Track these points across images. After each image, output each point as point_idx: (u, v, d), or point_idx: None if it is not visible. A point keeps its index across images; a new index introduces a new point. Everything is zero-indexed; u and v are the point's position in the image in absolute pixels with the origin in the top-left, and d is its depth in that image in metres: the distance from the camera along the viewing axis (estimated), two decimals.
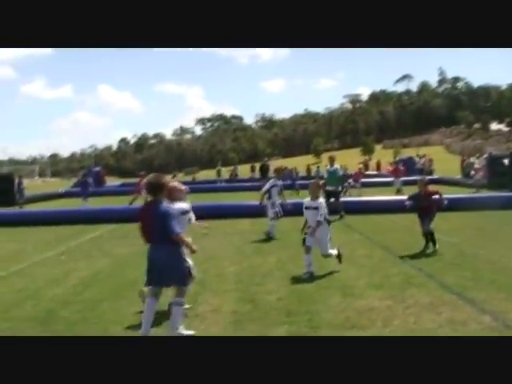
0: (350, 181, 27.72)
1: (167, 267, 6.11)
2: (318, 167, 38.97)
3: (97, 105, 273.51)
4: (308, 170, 39.13)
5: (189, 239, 6.18)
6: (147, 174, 14.07)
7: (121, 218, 18.90)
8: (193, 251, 6.25)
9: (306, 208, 9.35)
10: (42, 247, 13.86)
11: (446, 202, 11.21)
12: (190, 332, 6.27)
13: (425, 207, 10.96)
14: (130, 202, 22.95)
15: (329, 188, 17.15)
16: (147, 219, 6.19)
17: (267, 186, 14.08)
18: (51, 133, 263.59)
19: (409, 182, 32.00)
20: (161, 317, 6.74)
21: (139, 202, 19.03)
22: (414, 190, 12.06)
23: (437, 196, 11.21)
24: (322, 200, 9.32)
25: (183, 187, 7.40)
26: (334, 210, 15.58)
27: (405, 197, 12.48)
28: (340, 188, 18.36)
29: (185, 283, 6.32)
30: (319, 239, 9.14)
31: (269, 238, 13.33)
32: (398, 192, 25.67)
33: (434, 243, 10.82)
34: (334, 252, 9.41)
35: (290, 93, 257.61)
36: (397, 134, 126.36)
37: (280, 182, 14.21)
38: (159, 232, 6.06)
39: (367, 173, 37.95)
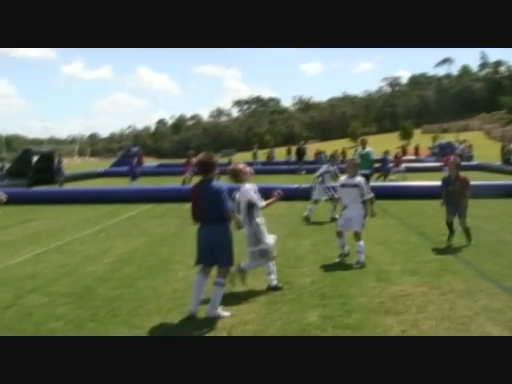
0: (391, 165, 27.37)
1: (217, 247, 6.19)
2: (356, 150, 38.52)
3: (136, 86, 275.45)
4: (343, 153, 38.69)
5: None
6: (195, 154, 14.24)
7: (157, 198, 19.16)
8: (240, 227, 6.43)
9: (343, 186, 9.11)
10: (81, 225, 14.14)
11: (471, 191, 10.20)
12: (227, 313, 6.33)
13: (454, 193, 10.07)
14: (183, 183, 23.31)
15: (361, 171, 16.95)
16: (199, 198, 6.23)
17: (321, 170, 14.06)
18: (91, 113, 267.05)
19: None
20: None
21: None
22: None
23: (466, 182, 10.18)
24: (360, 178, 9.07)
25: (248, 169, 7.41)
26: None
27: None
28: (371, 172, 18.09)
29: (229, 264, 6.38)
30: (351, 218, 8.85)
31: (308, 221, 13.28)
32: None
33: (470, 237, 10.08)
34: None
35: (328, 76, 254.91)
36: (436, 118, 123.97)
37: (334, 168, 14.09)
38: (211, 211, 6.10)
39: (405, 158, 37.34)
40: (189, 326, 6.03)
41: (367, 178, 17.36)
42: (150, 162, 55.36)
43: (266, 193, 7.66)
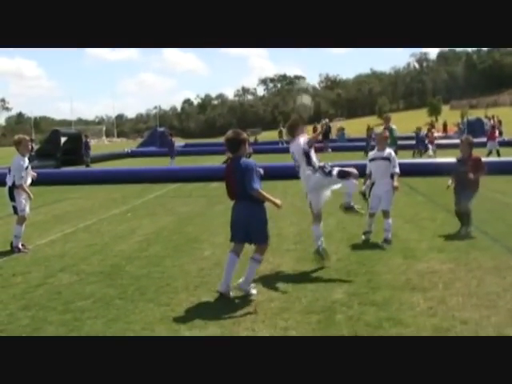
0: (426, 142, 26.96)
1: (251, 224, 6.17)
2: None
3: (161, 66, 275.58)
4: (368, 130, 38.11)
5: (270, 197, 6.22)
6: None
7: (184, 177, 19.27)
8: (277, 206, 6.23)
9: (372, 160, 8.92)
10: (109, 205, 14.31)
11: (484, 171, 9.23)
12: (255, 291, 6.34)
13: (465, 176, 8.97)
14: (225, 162, 23.64)
15: None
16: (231, 176, 6.23)
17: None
18: (117, 94, 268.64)
19: (478, 144, 31.09)
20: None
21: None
22: (482, 152, 11.64)
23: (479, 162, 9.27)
24: (390, 150, 8.91)
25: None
26: None
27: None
28: (395, 149, 17.75)
29: (264, 241, 6.30)
30: (382, 194, 8.70)
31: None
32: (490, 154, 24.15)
33: (469, 224, 8.98)
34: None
35: (355, 53, 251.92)
36: (465, 94, 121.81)
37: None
38: (240, 188, 6.09)
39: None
40: (215, 303, 6.08)
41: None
42: (176, 142, 55.56)
43: (290, 172, 7.71)
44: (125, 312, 5.90)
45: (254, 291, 6.31)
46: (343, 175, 7.17)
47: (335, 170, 7.19)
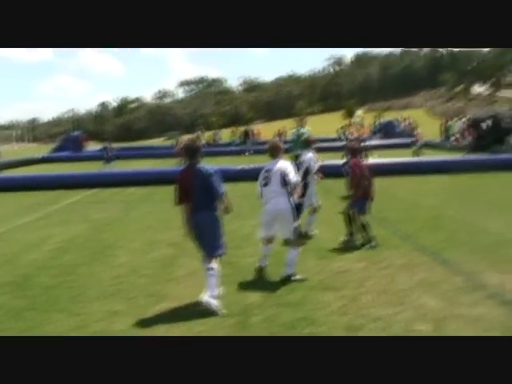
0: (415, 139, 26.65)
1: (208, 232, 6.06)
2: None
3: (78, 68, 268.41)
4: (279, 135, 38.27)
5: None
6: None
7: (100, 183, 18.83)
8: (228, 211, 6.21)
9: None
10: (21, 212, 13.77)
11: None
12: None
13: (353, 182, 8.66)
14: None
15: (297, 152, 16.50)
16: (189, 183, 6.09)
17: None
18: (31, 97, 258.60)
19: (391, 145, 32.12)
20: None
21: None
22: (395, 153, 12.07)
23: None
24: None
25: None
26: None
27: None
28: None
29: (217, 253, 6.13)
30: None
31: None
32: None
33: (366, 235, 8.55)
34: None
35: (275, 55, 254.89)
36: (380, 96, 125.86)
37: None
38: (203, 195, 6.00)
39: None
40: (129, 311, 5.99)
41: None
42: (92, 146, 54.26)
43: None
44: (37, 323, 5.72)
45: (215, 302, 5.98)
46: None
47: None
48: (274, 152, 7.13)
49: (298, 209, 8.23)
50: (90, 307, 6.16)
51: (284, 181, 6.78)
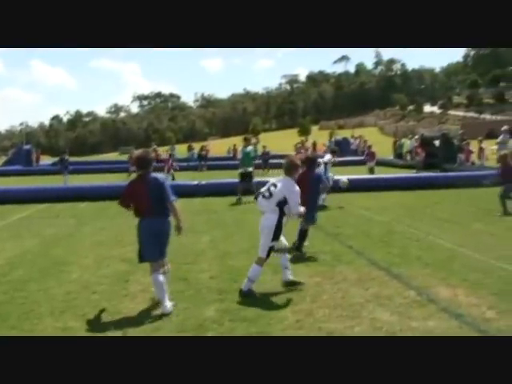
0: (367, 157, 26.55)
1: (163, 239, 6.36)
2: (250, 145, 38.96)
3: (29, 80, 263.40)
4: (234, 150, 38.68)
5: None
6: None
7: (51, 197, 18.43)
8: (180, 230, 6.40)
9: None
10: None
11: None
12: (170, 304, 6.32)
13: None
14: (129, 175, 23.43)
15: (243, 170, 16.78)
16: (143, 193, 6.28)
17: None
18: None
19: (344, 162, 32.53)
20: None
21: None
22: (348, 170, 12.23)
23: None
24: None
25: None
26: (248, 190, 15.60)
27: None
28: (252, 169, 17.54)
29: (159, 259, 6.37)
30: None
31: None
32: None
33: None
34: None
35: (229, 72, 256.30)
36: (333, 115, 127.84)
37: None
38: (155, 203, 6.23)
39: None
40: (81, 327, 5.86)
41: (251, 175, 17.03)
42: (44, 160, 53.20)
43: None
44: None
45: (169, 304, 6.31)
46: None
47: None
48: (288, 170, 7.04)
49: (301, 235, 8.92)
50: (42, 324, 5.99)
51: (281, 202, 6.82)
